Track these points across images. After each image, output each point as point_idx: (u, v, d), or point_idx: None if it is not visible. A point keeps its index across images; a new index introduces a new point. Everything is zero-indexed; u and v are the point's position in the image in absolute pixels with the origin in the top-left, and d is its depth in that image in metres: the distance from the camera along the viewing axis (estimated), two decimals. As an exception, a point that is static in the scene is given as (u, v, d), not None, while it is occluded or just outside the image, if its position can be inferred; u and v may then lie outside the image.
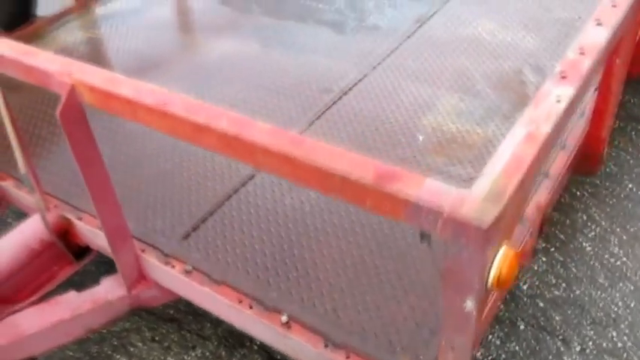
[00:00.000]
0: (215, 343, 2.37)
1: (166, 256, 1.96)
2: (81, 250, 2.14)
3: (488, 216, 1.08)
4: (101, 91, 1.52)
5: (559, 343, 2.36)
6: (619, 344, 2.35)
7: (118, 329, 2.43)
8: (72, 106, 1.56)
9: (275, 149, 1.27)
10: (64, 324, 1.94)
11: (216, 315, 1.90)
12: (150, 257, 1.96)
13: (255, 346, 2.35)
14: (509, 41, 2.94)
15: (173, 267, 1.92)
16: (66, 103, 1.55)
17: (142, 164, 2.35)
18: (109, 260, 1.95)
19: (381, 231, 1.98)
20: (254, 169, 2.20)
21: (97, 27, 3.43)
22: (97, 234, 1.99)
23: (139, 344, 2.39)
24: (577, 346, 2.35)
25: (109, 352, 2.38)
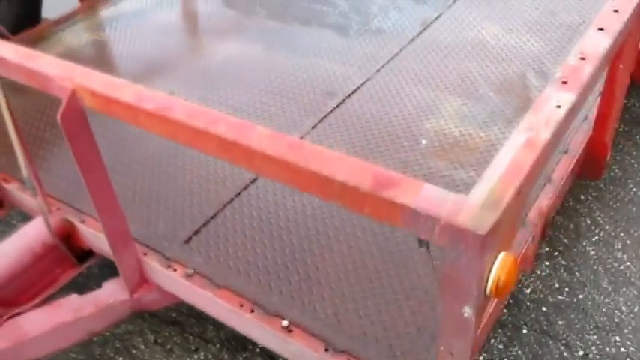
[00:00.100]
0: (217, 345, 2.38)
1: (168, 260, 1.96)
2: (84, 253, 2.15)
3: (485, 223, 1.08)
4: (102, 95, 1.52)
5: (562, 347, 2.35)
6: (622, 349, 2.35)
7: (120, 331, 2.44)
8: (73, 110, 1.57)
9: (273, 155, 1.27)
10: (66, 327, 1.94)
11: (217, 319, 1.91)
12: (151, 261, 1.96)
13: (257, 349, 2.35)
14: (513, 45, 2.93)
15: (174, 270, 1.93)
16: (67, 107, 1.56)
17: (145, 167, 2.36)
18: (113, 263, 1.95)
19: (383, 235, 1.98)
20: (255, 172, 2.21)
21: (102, 29, 3.44)
22: (99, 237, 1.99)
23: (142, 346, 2.40)
24: (580, 350, 2.35)
25: (112, 354, 2.38)
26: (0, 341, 1.93)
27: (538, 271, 2.63)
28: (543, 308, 2.48)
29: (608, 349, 2.35)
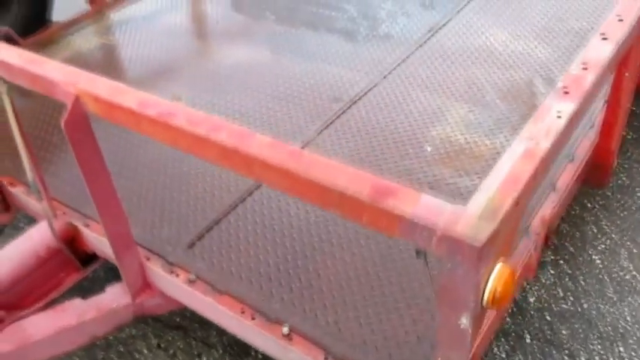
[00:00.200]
0: (220, 351, 2.38)
1: (171, 265, 1.97)
2: (88, 257, 2.16)
3: (482, 234, 1.08)
4: (105, 101, 1.53)
5: (565, 357, 2.34)
6: None
7: (124, 336, 2.44)
8: (77, 116, 1.58)
9: (273, 163, 1.27)
10: (68, 331, 1.95)
11: (218, 324, 1.91)
12: (154, 266, 1.97)
13: (259, 356, 2.35)
14: (520, 52, 2.92)
15: (177, 276, 1.93)
16: (71, 113, 1.57)
17: (150, 171, 2.36)
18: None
19: (385, 243, 1.97)
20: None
21: (111, 33, 3.46)
22: (103, 241, 2.00)
23: (145, 351, 2.40)
24: (584, 360, 2.34)
25: (115, 358, 2.38)
26: (4, 344, 1.94)
27: (542, 280, 2.61)
28: (547, 317, 2.47)
29: None
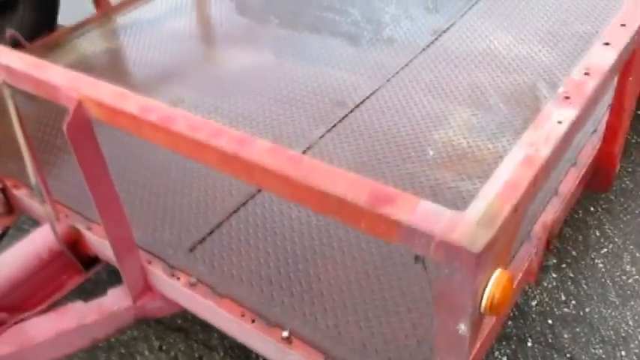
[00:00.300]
0: (221, 354, 2.39)
1: (172, 268, 1.97)
2: (90, 259, 2.17)
3: (480, 240, 1.08)
4: (107, 106, 1.54)
5: (567, 361, 2.34)
6: (629, 364, 2.33)
7: (126, 338, 2.46)
8: (79, 121, 1.59)
9: (272, 168, 1.27)
10: (70, 333, 1.96)
11: (218, 328, 1.91)
12: (156, 269, 1.97)
13: (261, 359, 2.35)
14: (524, 55, 2.92)
15: (178, 279, 1.93)
16: (73, 117, 1.58)
17: (153, 174, 2.37)
18: (120, 269, 1.97)
19: (386, 247, 1.97)
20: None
21: (117, 37, 3.47)
22: (105, 244, 2.00)
23: (147, 353, 2.41)
24: (586, 365, 2.34)
25: (117, 360, 2.41)
26: (6, 346, 1.95)
27: (545, 283, 2.61)
28: (549, 321, 2.47)
29: (614, 364, 2.34)
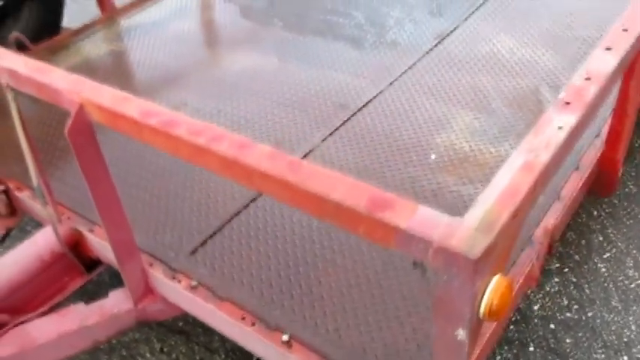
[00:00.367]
0: (223, 356, 2.39)
1: (173, 271, 1.98)
2: (92, 261, 2.17)
3: (478, 247, 1.07)
4: (108, 110, 1.54)
5: (569, 366, 2.34)
6: (631, 369, 2.33)
7: (127, 340, 2.46)
8: (80, 124, 1.60)
9: (272, 173, 1.27)
10: (71, 335, 1.96)
11: (219, 331, 1.92)
12: (156, 272, 1.97)
13: (262, 361, 2.36)
14: (528, 59, 2.92)
15: (179, 282, 1.94)
16: (74, 121, 1.59)
17: (155, 177, 2.38)
18: (122, 272, 1.97)
19: (387, 251, 1.97)
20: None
21: (121, 39, 3.48)
22: (106, 247, 2.00)
23: (148, 355, 2.41)
24: (588, 370, 2.33)
25: (119, 362, 2.41)
26: (7, 348, 1.96)
27: (547, 288, 2.61)
28: (551, 325, 2.46)
29: (616, 369, 2.33)
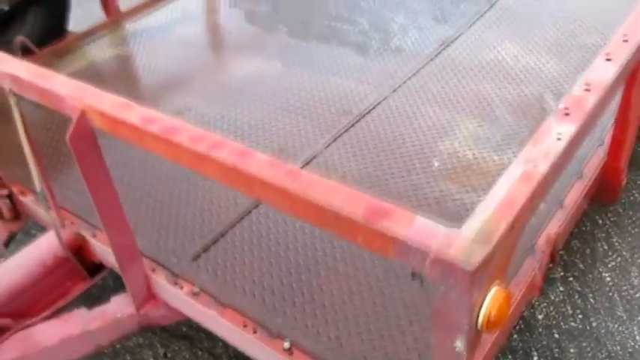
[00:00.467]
0: (225, 362, 2.40)
1: (176, 277, 1.98)
2: (95, 266, 2.18)
3: (475, 258, 1.07)
4: (110, 116, 1.55)
5: (572, 375, 2.33)
6: (634, 379, 2.31)
7: (131, 344, 2.46)
8: (82, 130, 1.60)
9: (271, 181, 1.28)
10: (73, 340, 1.97)
11: (220, 337, 1.92)
12: (159, 277, 1.98)
13: (264, 367, 2.35)
14: (532, 66, 2.91)
15: (181, 288, 1.94)
16: (76, 127, 1.59)
17: (158, 182, 2.39)
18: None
19: (389, 259, 1.96)
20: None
21: (126, 43, 3.50)
22: (109, 251, 2.01)
23: (151, 360, 2.43)
24: (591, 379, 2.32)
25: (122, 367, 2.42)
26: (11, 352, 1.97)
27: (552, 297, 2.59)
28: (555, 335, 2.45)
29: (619, 379, 2.32)
